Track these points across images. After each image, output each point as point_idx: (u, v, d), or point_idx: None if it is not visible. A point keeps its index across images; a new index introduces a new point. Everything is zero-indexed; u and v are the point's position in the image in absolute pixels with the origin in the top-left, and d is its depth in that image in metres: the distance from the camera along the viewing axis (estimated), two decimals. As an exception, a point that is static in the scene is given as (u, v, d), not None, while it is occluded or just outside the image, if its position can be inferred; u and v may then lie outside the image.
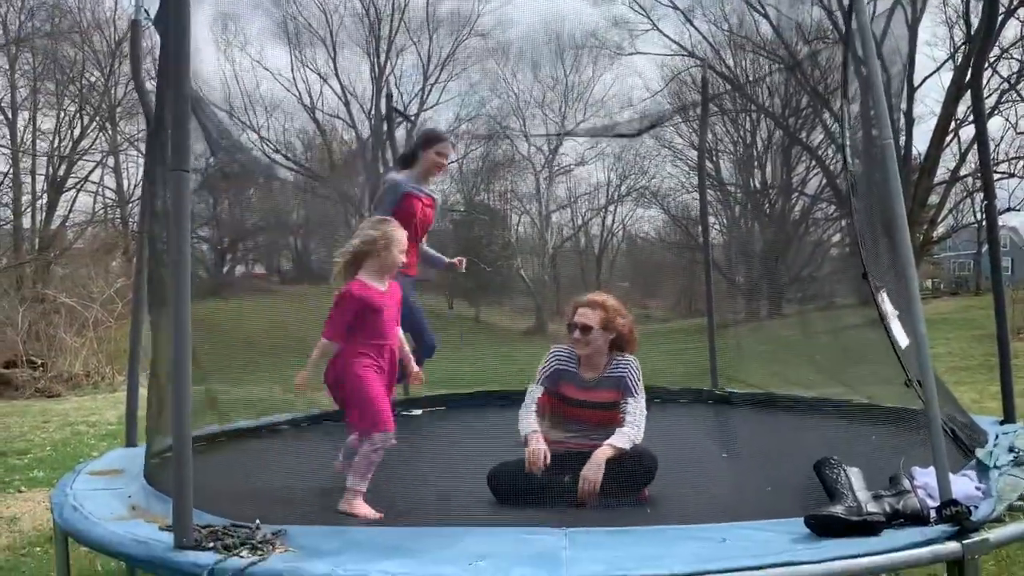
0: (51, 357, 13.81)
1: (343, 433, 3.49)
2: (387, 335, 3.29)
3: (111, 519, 2.94)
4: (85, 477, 3.71)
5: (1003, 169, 21.85)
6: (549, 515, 2.90)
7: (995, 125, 22.19)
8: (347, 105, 24.02)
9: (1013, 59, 20.50)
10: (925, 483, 2.76)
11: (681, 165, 21.08)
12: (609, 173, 24.26)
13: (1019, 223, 42.70)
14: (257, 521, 2.64)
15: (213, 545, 2.46)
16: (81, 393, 12.86)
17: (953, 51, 21.37)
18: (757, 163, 21.71)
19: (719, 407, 5.61)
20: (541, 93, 23.50)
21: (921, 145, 20.97)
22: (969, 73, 16.02)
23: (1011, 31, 19.71)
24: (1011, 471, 3.17)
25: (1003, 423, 4.19)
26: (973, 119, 5.02)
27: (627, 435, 3.24)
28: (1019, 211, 25.28)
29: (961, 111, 20.05)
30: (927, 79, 22.08)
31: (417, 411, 5.51)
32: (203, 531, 2.53)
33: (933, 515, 2.57)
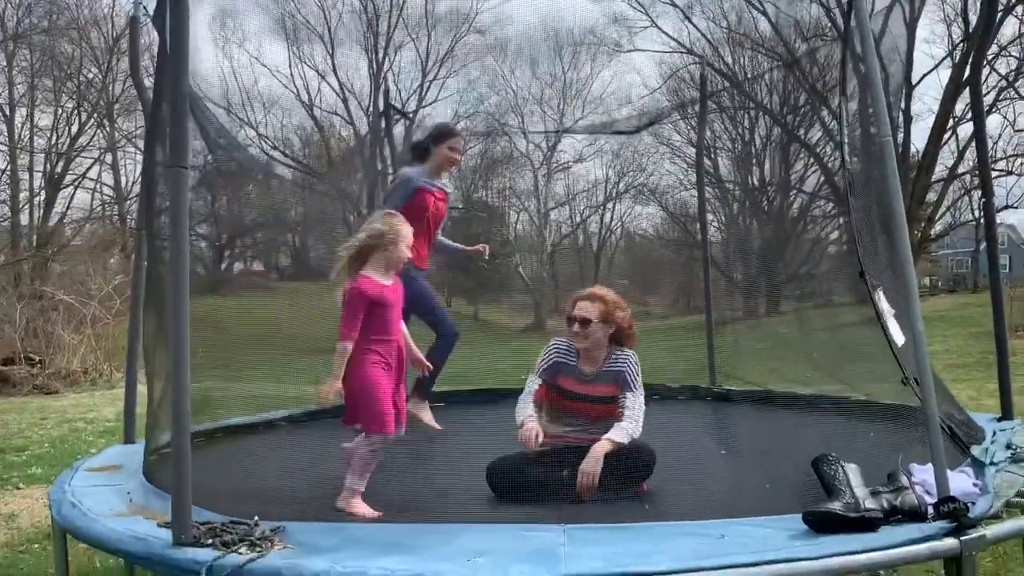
0: (49, 354, 13.79)
1: (340, 429, 3.48)
2: (394, 331, 3.26)
3: (109, 516, 2.94)
4: (83, 474, 3.71)
5: (1001, 167, 21.90)
6: (548, 510, 2.91)
7: (993, 123, 22.27)
8: (345, 102, 24.00)
9: (1011, 57, 20.55)
10: (923, 480, 2.77)
11: (679, 162, 21.08)
12: (607, 170, 24.23)
13: (1017, 221, 42.80)
14: (255, 518, 2.65)
15: (212, 542, 2.46)
16: (79, 390, 12.85)
17: (951, 49, 21.40)
18: (755, 160, 21.72)
19: (717, 404, 5.61)
20: (539, 90, 23.50)
21: (919, 143, 21.00)
22: (967, 71, 16.02)
23: (1009, 28, 19.77)
24: (1008, 468, 3.18)
25: (1000, 420, 4.20)
26: (971, 117, 5.02)
27: (625, 429, 3.25)
28: (1017, 209, 25.36)
29: (959, 109, 20.09)
30: (925, 77, 22.17)
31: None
32: (202, 528, 2.53)
33: (931, 512, 2.57)
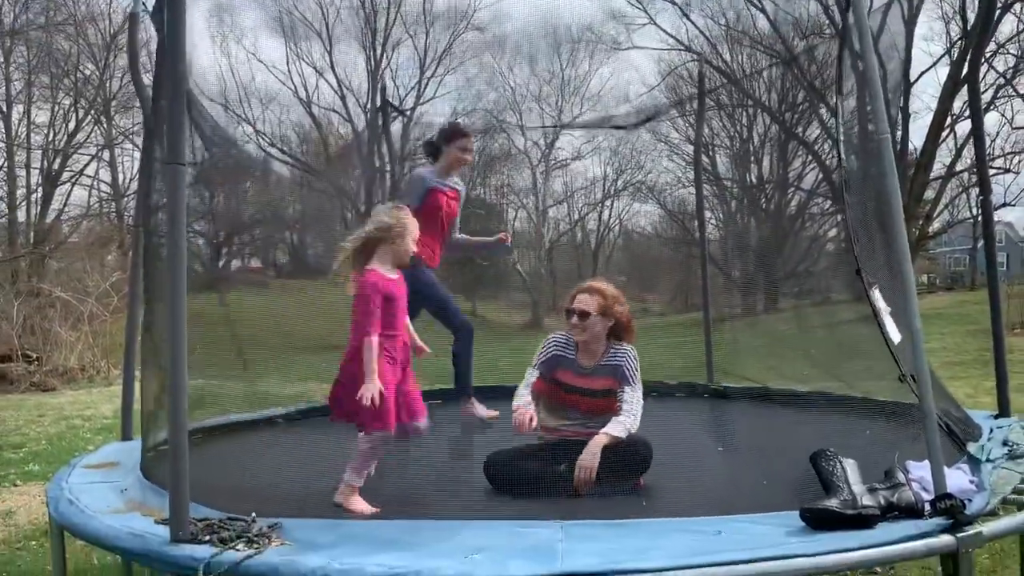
0: (46, 351, 13.76)
1: (337, 425, 3.48)
2: (400, 326, 3.24)
3: (107, 512, 2.94)
4: (81, 471, 3.71)
5: (999, 164, 21.93)
6: (545, 504, 2.91)
7: (991, 120, 22.28)
8: (343, 99, 23.91)
9: (1009, 54, 20.57)
10: (920, 477, 2.77)
11: (678, 160, 21.04)
12: (605, 168, 24.21)
13: (1015, 219, 42.75)
14: (253, 514, 2.65)
15: (209, 538, 2.46)
16: (76, 387, 12.84)
17: (950, 46, 21.41)
18: (753, 158, 21.74)
19: (715, 401, 5.62)
20: (538, 87, 23.42)
21: (917, 140, 20.98)
22: (966, 68, 16.03)
23: (1007, 26, 19.77)
24: (1004, 464, 3.19)
25: (997, 417, 4.21)
26: (969, 114, 5.03)
27: (623, 424, 3.25)
28: (1015, 206, 25.43)
29: (957, 106, 20.09)
30: (924, 74, 22.15)
31: None
32: (199, 524, 2.53)
33: (927, 508, 2.58)
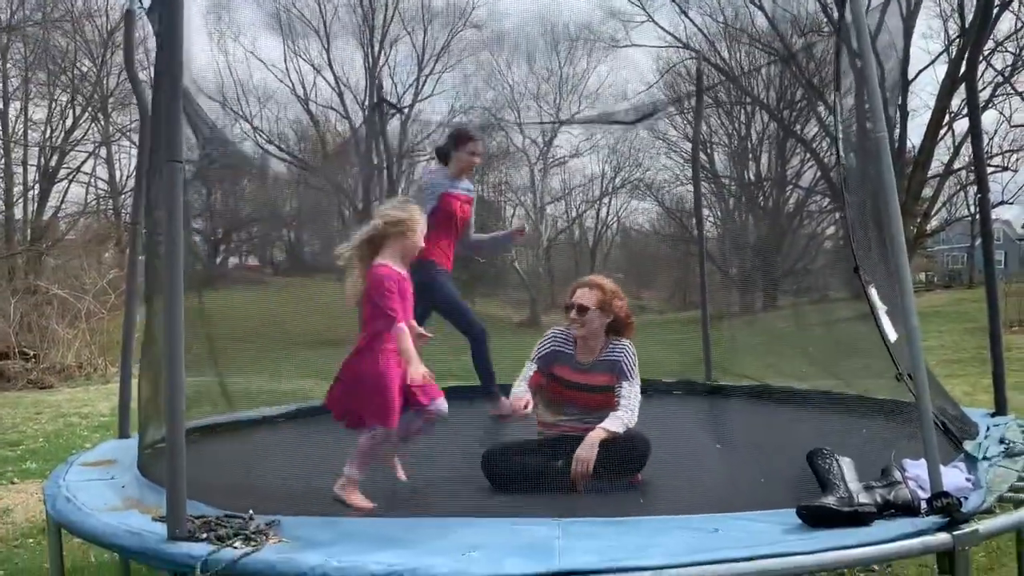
0: (43, 348, 13.75)
1: (335, 423, 3.47)
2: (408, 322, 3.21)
3: (104, 510, 2.94)
4: (78, 468, 3.70)
5: (997, 162, 21.92)
6: (542, 501, 2.91)
7: (989, 118, 22.24)
8: (341, 96, 23.87)
9: (1007, 52, 20.55)
10: (916, 475, 2.78)
11: (676, 157, 21.01)
12: (603, 165, 24.12)
13: (1012, 216, 42.69)
14: (250, 511, 2.65)
15: (206, 536, 2.46)
16: (73, 384, 12.82)
17: (948, 44, 21.38)
18: (752, 155, 21.73)
19: (713, 398, 5.62)
20: (536, 85, 23.38)
21: (916, 138, 20.99)
22: (964, 66, 16.04)
23: (1006, 24, 19.76)
24: (1001, 462, 3.19)
25: (994, 415, 4.21)
26: (967, 112, 5.03)
27: (620, 418, 3.26)
28: (1012, 204, 25.41)
29: (955, 104, 20.07)
30: (922, 72, 22.08)
31: None
32: (196, 522, 2.53)
33: (924, 506, 2.58)
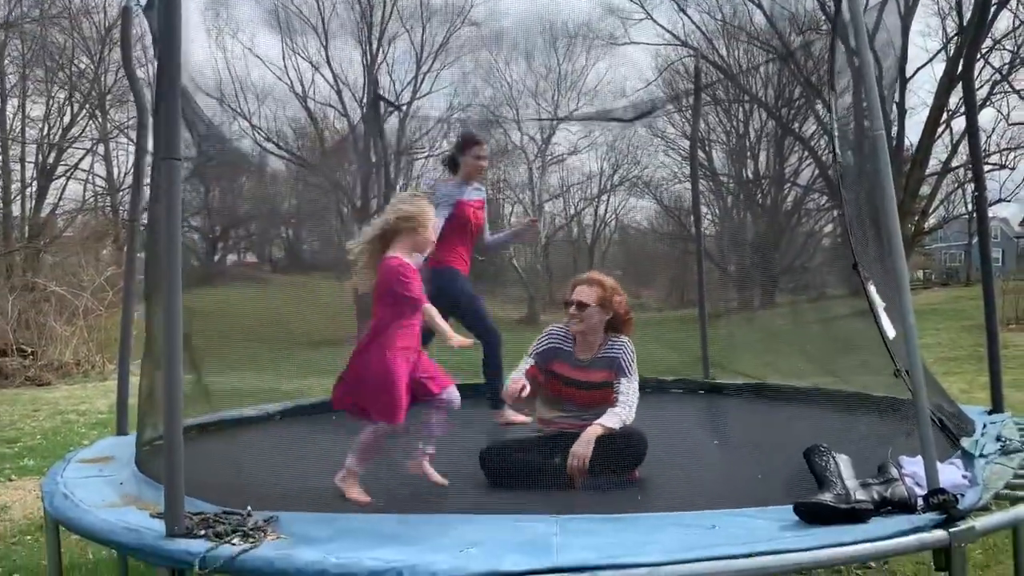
0: (41, 346, 13.74)
1: (333, 420, 3.47)
2: (417, 317, 3.22)
3: (102, 507, 2.93)
4: (76, 465, 3.70)
5: (994, 160, 21.93)
6: (540, 498, 2.91)
7: (987, 116, 22.22)
8: (339, 93, 23.83)
9: (1005, 50, 20.54)
10: (913, 471, 2.78)
11: (674, 155, 20.98)
12: (602, 163, 24.10)
13: (1010, 214, 42.83)
14: (248, 508, 2.65)
15: (204, 533, 2.46)
16: (71, 382, 12.82)
17: (946, 42, 21.38)
18: (750, 153, 21.72)
19: (711, 396, 5.64)
20: (534, 83, 23.35)
21: (913, 136, 21.01)
22: (961, 64, 16.04)
23: (1003, 22, 19.74)
24: (997, 460, 3.20)
25: (991, 413, 4.22)
26: (965, 110, 5.04)
27: (618, 415, 3.27)
28: (1010, 202, 25.45)
29: (953, 102, 20.04)
30: (920, 70, 22.13)
31: None
32: (194, 518, 2.53)
33: (920, 503, 2.59)
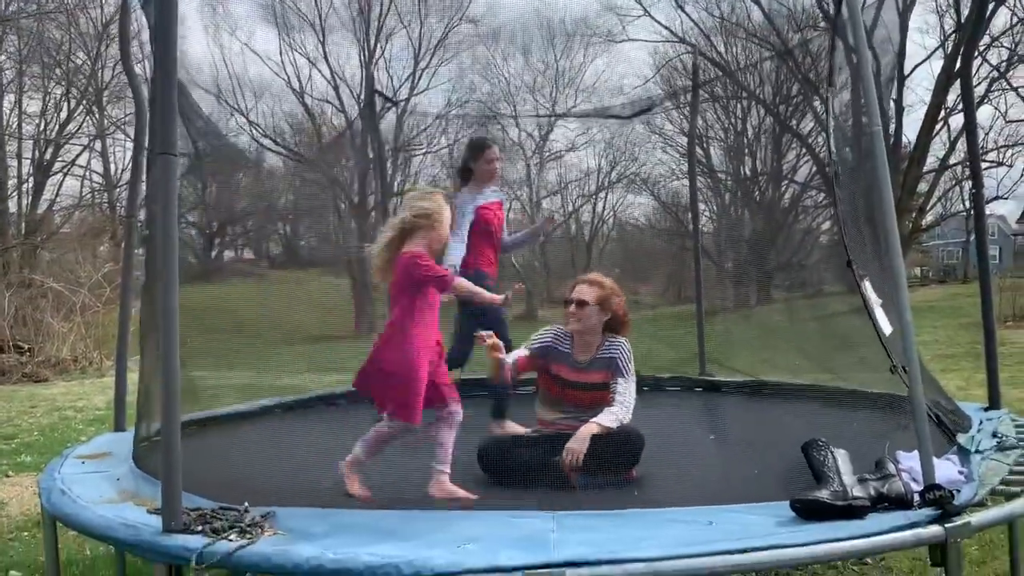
0: (38, 342, 13.73)
1: (331, 416, 3.48)
2: (436, 321, 3.17)
3: (100, 503, 2.93)
4: (73, 461, 3.69)
5: (992, 158, 21.98)
6: (538, 494, 2.91)
7: (984, 114, 22.32)
8: (336, 89, 23.85)
9: (1003, 47, 20.58)
10: (909, 467, 2.79)
11: (672, 152, 20.96)
12: (600, 159, 24.09)
13: (1007, 212, 42.97)
14: (246, 504, 2.65)
15: (202, 528, 2.46)
16: (69, 378, 12.81)
17: (943, 39, 21.41)
18: (747, 150, 21.71)
19: (707, 392, 5.64)
20: (532, 79, 23.34)
21: (911, 133, 21.05)
22: (959, 61, 16.03)
23: (1001, 19, 19.77)
24: (994, 456, 3.21)
25: (988, 410, 4.23)
26: (963, 108, 5.04)
27: (615, 414, 3.27)
28: (1007, 199, 25.50)
29: (951, 99, 20.11)
30: (918, 67, 22.16)
31: None
32: (192, 514, 2.53)
33: (916, 499, 2.59)
